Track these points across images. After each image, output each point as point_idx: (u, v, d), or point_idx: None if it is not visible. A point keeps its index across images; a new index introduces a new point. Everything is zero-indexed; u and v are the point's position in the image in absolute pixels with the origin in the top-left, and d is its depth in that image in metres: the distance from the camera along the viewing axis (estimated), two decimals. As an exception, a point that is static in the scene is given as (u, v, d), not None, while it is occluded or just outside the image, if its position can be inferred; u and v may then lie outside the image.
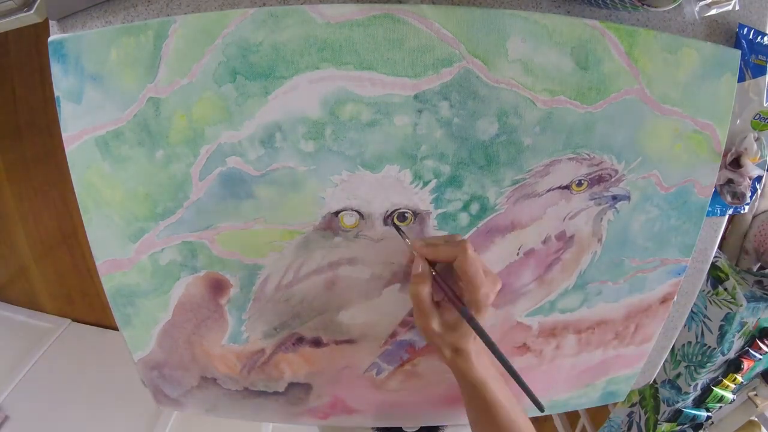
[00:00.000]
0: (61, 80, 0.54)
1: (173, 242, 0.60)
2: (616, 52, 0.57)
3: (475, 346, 0.56)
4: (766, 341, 1.08)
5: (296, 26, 0.52)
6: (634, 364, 0.76)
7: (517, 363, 0.71)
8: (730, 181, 0.67)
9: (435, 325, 0.54)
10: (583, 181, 0.61)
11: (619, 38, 0.56)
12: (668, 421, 1.24)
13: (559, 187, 0.61)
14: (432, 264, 0.55)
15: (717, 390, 1.18)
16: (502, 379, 0.60)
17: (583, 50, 0.56)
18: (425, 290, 0.54)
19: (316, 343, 0.66)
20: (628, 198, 0.63)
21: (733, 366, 1.14)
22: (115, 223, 0.59)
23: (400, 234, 0.59)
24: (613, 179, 0.62)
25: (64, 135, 0.56)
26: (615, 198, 0.63)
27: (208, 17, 0.52)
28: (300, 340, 0.66)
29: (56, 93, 0.55)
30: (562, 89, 0.57)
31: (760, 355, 1.10)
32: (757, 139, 0.66)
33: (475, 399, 0.59)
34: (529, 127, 0.57)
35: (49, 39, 0.54)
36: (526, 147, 0.58)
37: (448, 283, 0.54)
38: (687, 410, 1.23)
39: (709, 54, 0.59)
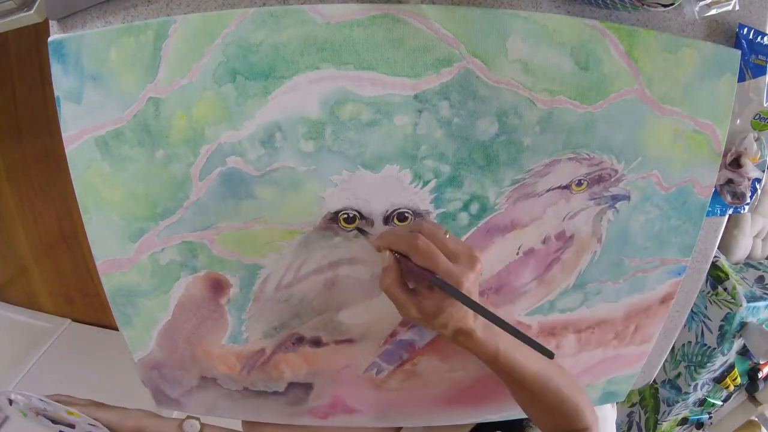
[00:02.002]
0: (61, 80, 0.54)
1: (173, 242, 0.60)
2: (616, 52, 0.57)
3: (478, 323, 0.55)
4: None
5: (296, 26, 0.52)
6: (634, 364, 0.76)
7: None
8: (730, 181, 0.67)
9: (414, 312, 0.53)
10: (582, 181, 0.61)
11: (619, 38, 0.56)
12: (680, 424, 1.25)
13: (559, 187, 0.61)
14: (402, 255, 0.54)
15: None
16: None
17: (583, 50, 0.56)
18: (391, 280, 0.53)
19: (316, 342, 0.66)
20: (627, 198, 0.63)
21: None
22: (115, 222, 0.59)
23: (366, 237, 0.59)
24: (612, 179, 0.62)
25: (64, 135, 0.56)
26: (615, 198, 0.63)
27: (208, 17, 0.52)
28: (300, 340, 0.66)
29: (56, 93, 0.55)
30: (562, 89, 0.57)
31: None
32: (757, 139, 0.66)
33: (501, 374, 0.59)
34: (529, 127, 0.57)
35: (49, 39, 0.54)
36: (526, 147, 0.58)
37: (416, 264, 0.52)
38: (692, 418, 1.24)
39: (709, 54, 0.59)
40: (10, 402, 0.61)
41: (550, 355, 0.48)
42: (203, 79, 0.53)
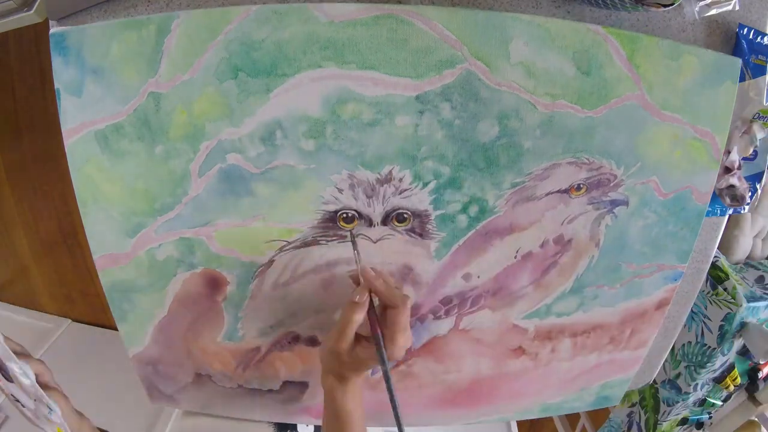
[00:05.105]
0: (61, 73, 0.54)
1: (171, 238, 0.60)
2: (617, 57, 0.57)
3: (358, 383, 0.59)
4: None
5: (299, 24, 0.52)
6: (629, 369, 0.76)
7: (512, 366, 0.71)
8: (731, 186, 0.67)
9: (345, 350, 0.54)
10: (582, 186, 0.62)
11: (621, 44, 0.56)
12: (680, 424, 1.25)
13: (558, 191, 0.61)
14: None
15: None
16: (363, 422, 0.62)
17: (585, 55, 0.56)
18: (358, 318, 0.53)
19: (312, 341, 0.66)
20: (626, 203, 0.63)
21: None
22: (112, 217, 0.59)
23: (354, 251, 0.57)
24: (611, 184, 0.62)
25: (63, 128, 0.56)
26: (613, 203, 0.63)
27: (211, 13, 0.52)
28: (296, 339, 0.66)
29: (57, 85, 0.54)
30: (563, 93, 0.57)
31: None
32: (745, 132, 0.66)
33: (336, 426, 0.60)
34: (529, 130, 0.57)
35: (51, 31, 0.53)
36: (526, 150, 0.58)
37: (377, 322, 0.54)
38: (692, 418, 1.24)
39: (710, 61, 0.59)
40: None
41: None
42: (205, 74, 0.53)
